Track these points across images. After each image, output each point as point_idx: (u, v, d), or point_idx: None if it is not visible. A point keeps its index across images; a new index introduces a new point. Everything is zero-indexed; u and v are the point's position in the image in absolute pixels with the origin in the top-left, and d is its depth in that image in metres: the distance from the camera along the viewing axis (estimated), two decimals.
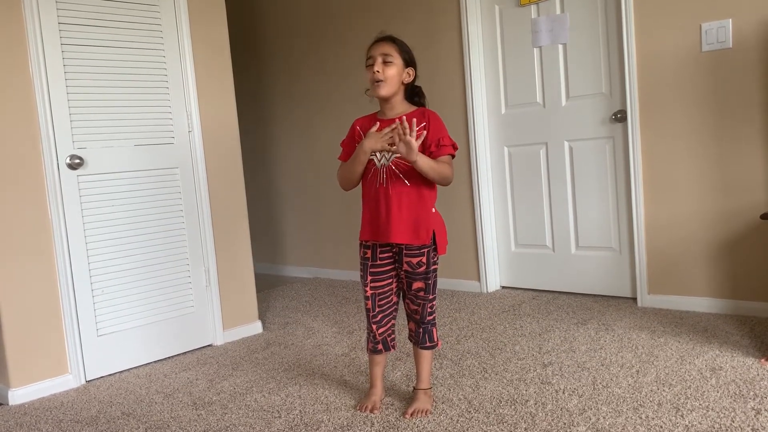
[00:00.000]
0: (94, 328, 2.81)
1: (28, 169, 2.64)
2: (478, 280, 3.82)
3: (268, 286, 4.53)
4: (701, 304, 3.00)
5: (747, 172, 2.82)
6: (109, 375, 2.86)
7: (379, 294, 2.15)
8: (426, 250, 2.08)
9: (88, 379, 2.81)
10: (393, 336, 2.22)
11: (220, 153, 3.22)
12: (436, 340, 2.17)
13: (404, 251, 2.08)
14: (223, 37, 3.25)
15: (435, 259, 2.12)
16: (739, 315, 2.88)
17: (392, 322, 2.21)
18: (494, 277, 3.81)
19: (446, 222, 3.92)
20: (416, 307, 2.14)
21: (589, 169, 3.39)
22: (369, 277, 2.14)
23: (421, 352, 2.17)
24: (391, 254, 2.13)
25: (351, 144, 2.16)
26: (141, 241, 2.94)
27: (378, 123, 2.08)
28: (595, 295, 3.45)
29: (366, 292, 2.15)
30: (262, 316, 3.61)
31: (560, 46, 3.41)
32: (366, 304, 2.17)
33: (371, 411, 2.17)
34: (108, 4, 2.84)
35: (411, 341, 2.21)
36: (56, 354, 2.71)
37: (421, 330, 2.15)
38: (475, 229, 3.78)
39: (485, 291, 3.78)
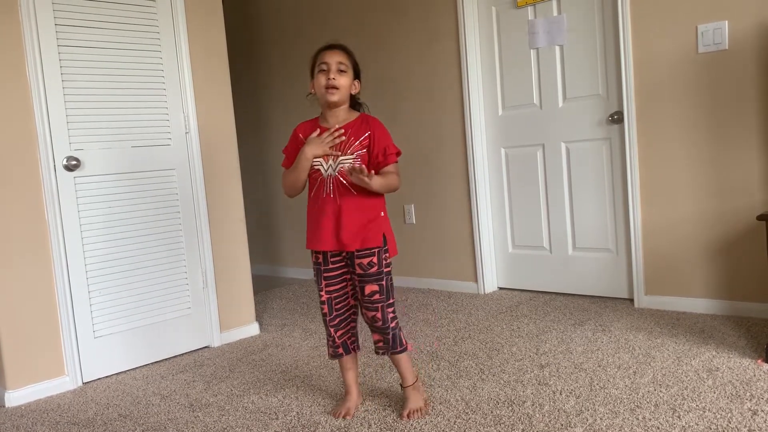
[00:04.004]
0: (91, 329, 2.81)
1: (25, 170, 2.63)
2: (476, 281, 3.82)
3: (265, 287, 4.53)
4: (698, 305, 3.01)
5: (743, 173, 2.83)
6: (106, 377, 2.86)
7: (335, 297, 2.14)
8: (376, 250, 2.07)
9: (85, 381, 2.80)
10: (353, 338, 2.21)
11: (217, 154, 3.22)
12: (405, 343, 2.14)
13: (355, 254, 2.07)
14: (220, 39, 3.25)
15: (387, 261, 2.10)
16: (735, 316, 2.89)
17: (351, 324, 2.20)
18: (491, 278, 3.82)
19: (442, 223, 3.94)
20: (374, 313, 2.09)
21: (585, 171, 3.40)
22: (323, 282, 2.13)
23: (394, 357, 2.15)
24: (341, 257, 2.12)
25: (294, 150, 2.15)
26: (138, 243, 2.94)
27: (318, 129, 2.10)
28: (592, 296, 3.45)
29: (321, 297, 2.15)
30: (259, 318, 3.60)
31: (557, 48, 3.42)
32: (322, 309, 2.16)
33: (344, 417, 2.16)
34: (105, 5, 2.84)
35: (379, 353, 2.16)
36: (53, 356, 2.71)
37: (389, 336, 2.11)
38: (473, 230, 3.78)
39: (482, 292, 3.78)
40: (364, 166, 2.01)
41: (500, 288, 3.84)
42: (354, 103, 2.17)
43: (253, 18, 4.92)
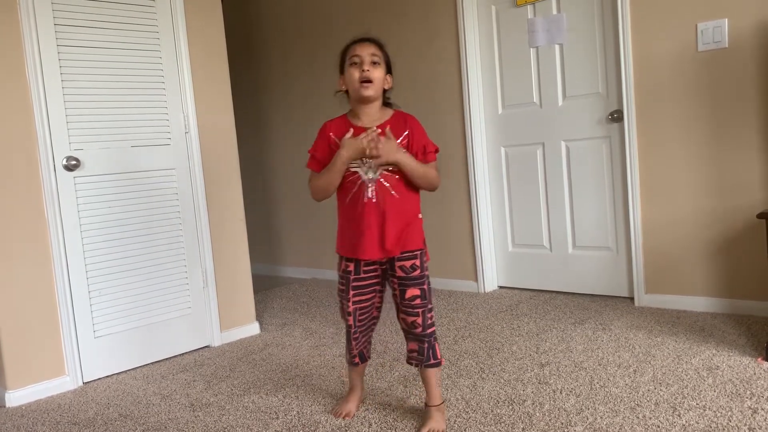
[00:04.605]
0: (92, 329, 2.81)
1: (25, 170, 2.63)
2: (476, 280, 3.82)
3: (265, 287, 4.53)
4: (698, 303, 3.01)
5: (743, 171, 2.83)
6: (107, 377, 2.86)
7: (361, 309, 2.05)
8: (418, 252, 1.99)
9: (85, 381, 2.80)
10: (368, 347, 2.18)
11: (217, 154, 3.22)
12: (439, 356, 2.02)
13: (395, 257, 1.97)
14: (219, 38, 3.25)
15: (426, 263, 2.03)
16: (735, 314, 2.89)
17: (370, 334, 2.16)
18: (491, 277, 3.82)
19: (443, 222, 3.94)
20: (414, 318, 1.98)
21: (585, 169, 3.40)
22: (351, 292, 2.02)
23: (426, 371, 2.01)
24: (376, 266, 2.02)
25: (323, 150, 2.00)
26: (138, 243, 2.94)
27: (352, 130, 1.96)
28: (592, 295, 3.45)
29: (348, 307, 2.04)
30: (259, 317, 3.60)
31: (557, 47, 3.42)
32: (347, 321, 2.06)
33: (344, 417, 2.14)
34: (104, 5, 2.83)
35: (413, 364, 2.04)
36: (53, 356, 2.71)
37: (425, 345, 1.99)
38: (473, 229, 3.78)
39: (482, 291, 3.78)
40: (389, 130, 1.92)
41: (500, 287, 3.84)
42: (385, 100, 2.04)
43: (252, 18, 4.92)
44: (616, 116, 3.22)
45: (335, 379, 2.54)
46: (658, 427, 1.88)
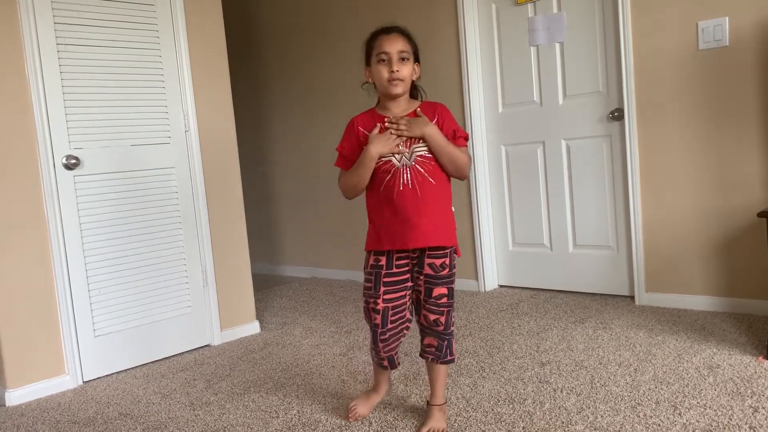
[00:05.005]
0: (91, 328, 2.81)
1: (25, 169, 2.63)
2: (476, 279, 3.82)
3: (265, 286, 4.53)
4: (699, 302, 3.00)
5: (744, 170, 2.82)
6: (107, 375, 2.86)
7: (393, 308, 1.94)
8: (449, 250, 1.94)
9: (85, 380, 2.80)
10: (397, 352, 2.06)
11: (217, 152, 3.22)
12: (454, 353, 1.99)
13: (427, 252, 1.91)
14: (219, 37, 3.24)
15: (455, 261, 1.99)
16: (736, 313, 2.88)
17: (401, 340, 2.03)
18: (492, 275, 3.81)
19: None
20: (437, 316, 1.93)
21: (586, 168, 3.39)
22: (382, 288, 1.91)
23: (438, 367, 1.99)
24: (408, 260, 1.94)
25: (352, 146, 1.95)
26: (138, 241, 2.93)
27: (379, 125, 1.92)
28: (592, 294, 3.45)
29: (377, 305, 1.92)
30: (259, 316, 3.60)
31: (557, 45, 3.41)
32: (374, 320, 1.94)
33: (350, 419, 2.09)
34: (104, 3, 2.83)
35: (426, 357, 1.99)
36: (53, 355, 2.70)
37: (444, 342, 1.95)
38: (473, 228, 3.78)
39: (483, 290, 3.78)
40: (419, 110, 1.91)
41: (501, 286, 3.84)
42: (412, 89, 2.00)
43: (252, 16, 4.91)
44: (617, 115, 3.21)
45: (335, 378, 2.54)
46: (659, 425, 1.88)
